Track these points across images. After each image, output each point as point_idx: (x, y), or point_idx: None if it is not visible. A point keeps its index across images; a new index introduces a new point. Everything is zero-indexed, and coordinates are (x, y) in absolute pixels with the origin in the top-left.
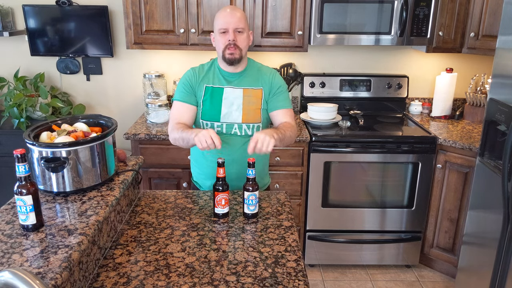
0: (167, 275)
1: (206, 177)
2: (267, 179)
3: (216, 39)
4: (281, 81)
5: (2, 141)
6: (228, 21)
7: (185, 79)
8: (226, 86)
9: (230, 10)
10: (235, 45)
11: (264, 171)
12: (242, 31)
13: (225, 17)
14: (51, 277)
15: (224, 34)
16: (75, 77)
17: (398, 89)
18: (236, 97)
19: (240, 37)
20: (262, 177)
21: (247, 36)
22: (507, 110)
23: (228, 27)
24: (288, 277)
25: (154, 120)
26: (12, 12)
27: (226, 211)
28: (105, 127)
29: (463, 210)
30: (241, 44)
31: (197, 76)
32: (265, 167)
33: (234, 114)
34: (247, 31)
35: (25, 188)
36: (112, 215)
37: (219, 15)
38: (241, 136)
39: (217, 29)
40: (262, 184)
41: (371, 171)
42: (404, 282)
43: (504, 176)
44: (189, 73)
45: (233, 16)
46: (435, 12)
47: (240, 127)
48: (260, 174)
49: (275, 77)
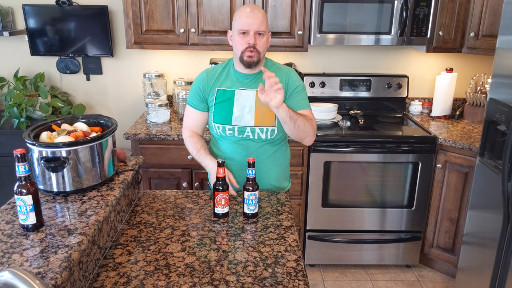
0: (167, 275)
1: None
2: (287, 184)
3: (234, 39)
4: (298, 80)
5: (2, 141)
6: (250, 22)
7: (197, 84)
8: (238, 88)
9: (252, 10)
10: (255, 48)
11: (284, 175)
12: (263, 34)
13: (247, 17)
14: (51, 277)
15: (243, 35)
16: (75, 77)
17: (398, 89)
18: (248, 99)
19: (260, 41)
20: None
21: (266, 39)
22: (507, 110)
23: (250, 29)
24: (288, 277)
25: (154, 120)
26: (12, 12)
27: (226, 211)
28: (105, 127)
29: (463, 210)
30: (260, 47)
31: (209, 80)
32: (286, 171)
33: (246, 117)
34: (267, 33)
35: (25, 188)
36: (112, 215)
37: (240, 14)
38: (254, 140)
39: (237, 29)
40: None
41: (371, 171)
42: (404, 282)
43: (504, 176)
44: (202, 77)
45: (255, 18)
46: (435, 12)
47: (253, 130)
48: (280, 178)
49: (291, 76)
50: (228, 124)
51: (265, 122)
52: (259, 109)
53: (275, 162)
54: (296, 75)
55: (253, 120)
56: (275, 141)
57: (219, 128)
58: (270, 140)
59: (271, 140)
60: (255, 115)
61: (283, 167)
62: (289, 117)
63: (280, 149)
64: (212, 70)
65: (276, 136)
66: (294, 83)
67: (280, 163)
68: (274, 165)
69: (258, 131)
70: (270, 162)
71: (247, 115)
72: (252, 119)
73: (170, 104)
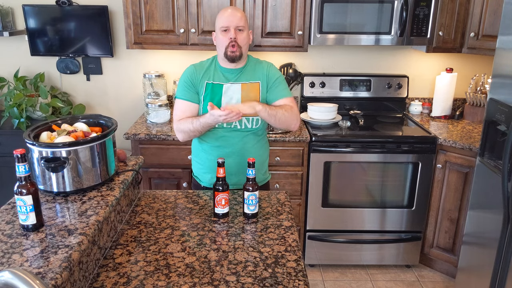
0: (167, 275)
1: (206, 170)
2: (267, 175)
3: (217, 38)
4: (277, 72)
5: (2, 141)
6: (230, 19)
7: (186, 77)
8: (225, 83)
9: (231, 10)
10: (236, 43)
11: (265, 166)
12: (243, 29)
13: (226, 16)
14: (51, 277)
15: (225, 32)
16: (75, 77)
17: (398, 89)
18: (234, 91)
19: (241, 36)
20: (264, 172)
21: (247, 35)
22: (507, 110)
23: (230, 25)
24: (288, 277)
25: (154, 120)
26: (12, 12)
27: (226, 211)
28: (105, 127)
29: (463, 210)
30: (241, 42)
31: (198, 73)
32: (266, 162)
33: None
34: (247, 30)
35: (25, 188)
36: (112, 215)
37: (220, 14)
38: (241, 129)
39: (219, 27)
40: (261, 179)
41: (371, 171)
42: (404, 282)
43: (504, 176)
44: (190, 70)
45: (234, 15)
46: (435, 12)
47: (240, 121)
48: (262, 168)
49: (270, 69)
50: None
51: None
52: (245, 100)
53: (258, 152)
54: (275, 68)
55: None
56: (258, 131)
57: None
58: (255, 130)
59: (255, 130)
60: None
61: (264, 157)
62: (268, 115)
63: (262, 139)
64: (199, 65)
65: (260, 125)
66: (274, 75)
67: (261, 153)
68: (257, 155)
69: (245, 120)
70: (254, 151)
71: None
72: None
73: (170, 104)
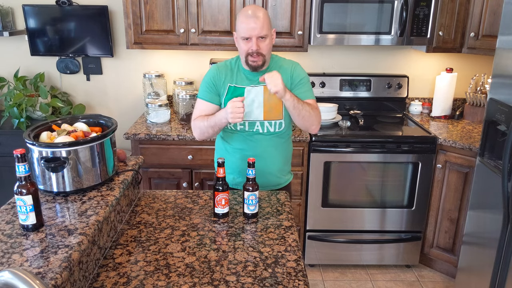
0: (167, 275)
1: (229, 171)
2: (289, 176)
3: (238, 43)
4: (302, 72)
5: (2, 141)
6: (252, 27)
7: (209, 78)
8: (247, 86)
9: (253, 12)
10: (258, 52)
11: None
12: (265, 37)
13: (248, 23)
14: (51, 277)
15: (246, 41)
16: (75, 77)
17: (398, 89)
18: (257, 94)
19: (263, 44)
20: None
21: (270, 40)
22: (507, 110)
23: (251, 35)
24: (288, 277)
25: (154, 120)
26: (12, 12)
27: (226, 211)
28: (105, 127)
29: (463, 210)
30: (264, 50)
31: (221, 75)
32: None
33: (256, 111)
34: (270, 34)
35: (25, 188)
36: (112, 215)
37: (241, 19)
38: (263, 133)
39: (240, 35)
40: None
41: (371, 171)
42: (404, 282)
43: (504, 176)
44: (213, 71)
45: (256, 22)
46: (435, 12)
47: (262, 124)
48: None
49: (295, 69)
50: None
51: (273, 116)
52: (267, 103)
53: (281, 154)
54: (300, 68)
55: (261, 114)
56: (282, 134)
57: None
58: (278, 133)
59: (278, 133)
60: (263, 109)
61: (287, 159)
62: (293, 107)
63: (285, 142)
64: (223, 66)
65: (284, 129)
66: (298, 76)
67: (285, 155)
68: (280, 157)
69: (267, 124)
70: (277, 154)
71: (256, 110)
72: (261, 114)
73: (170, 104)
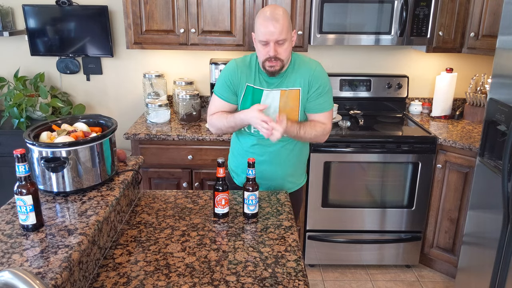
0: (167, 275)
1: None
2: (303, 178)
3: (256, 46)
4: (321, 77)
5: (2, 141)
6: (270, 32)
7: (227, 75)
8: (265, 89)
9: (271, 14)
10: (276, 57)
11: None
12: (283, 42)
13: (266, 27)
14: (51, 277)
15: (264, 46)
16: (75, 77)
17: (398, 89)
18: (273, 99)
19: (282, 48)
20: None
21: (289, 43)
22: (507, 110)
23: (269, 39)
24: (288, 277)
25: (154, 120)
26: (12, 12)
27: (226, 211)
28: (105, 127)
29: (463, 210)
30: (282, 55)
31: (239, 72)
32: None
33: (271, 116)
34: (290, 37)
35: (25, 188)
36: (112, 215)
37: (259, 21)
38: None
39: (258, 39)
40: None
41: (371, 171)
42: (404, 282)
43: (504, 176)
44: (231, 67)
45: (275, 27)
46: (435, 12)
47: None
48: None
49: (315, 73)
50: None
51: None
52: (283, 109)
53: (295, 158)
54: (320, 71)
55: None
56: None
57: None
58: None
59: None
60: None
61: (302, 162)
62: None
63: (298, 146)
64: (242, 62)
65: None
66: (317, 82)
67: (300, 159)
68: (293, 162)
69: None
70: (290, 159)
71: (272, 115)
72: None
73: (170, 104)
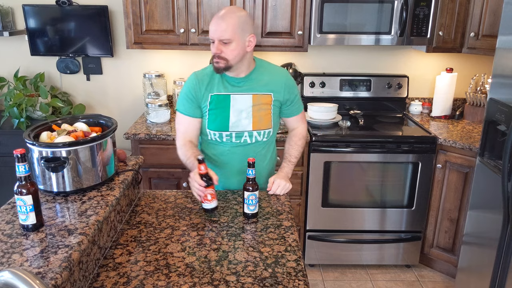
0: (167, 275)
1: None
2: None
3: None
4: (294, 87)
5: (2, 141)
6: (213, 29)
7: (188, 89)
8: (233, 93)
9: (222, 14)
10: (220, 56)
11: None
12: (228, 42)
13: (212, 24)
14: (51, 277)
15: (212, 43)
16: (75, 77)
17: (398, 89)
18: (245, 104)
19: (227, 48)
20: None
21: (237, 46)
22: (507, 110)
23: (213, 37)
24: (288, 277)
25: (154, 120)
26: (12, 12)
27: (214, 206)
28: (105, 127)
29: (463, 210)
30: (227, 55)
31: (200, 85)
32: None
33: (244, 122)
34: (238, 39)
35: (25, 188)
36: (112, 215)
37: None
38: (252, 143)
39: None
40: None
41: (371, 171)
42: (404, 282)
43: (504, 176)
44: (192, 82)
45: (219, 25)
46: (435, 12)
47: (251, 134)
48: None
49: (287, 83)
50: (225, 131)
51: (262, 125)
52: (256, 113)
53: (269, 158)
54: (291, 79)
55: (250, 124)
56: (269, 139)
57: (215, 134)
58: (266, 141)
59: (266, 141)
60: (252, 119)
61: (273, 161)
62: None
63: (271, 145)
64: (202, 73)
65: (272, 134)
66: (293, 91)
67: (272, 158)
68: (268, 162)
69: (256, 134)
70: (265, 160)
71: (245, 120)
72: (250, 124)
73: (170, 104)
